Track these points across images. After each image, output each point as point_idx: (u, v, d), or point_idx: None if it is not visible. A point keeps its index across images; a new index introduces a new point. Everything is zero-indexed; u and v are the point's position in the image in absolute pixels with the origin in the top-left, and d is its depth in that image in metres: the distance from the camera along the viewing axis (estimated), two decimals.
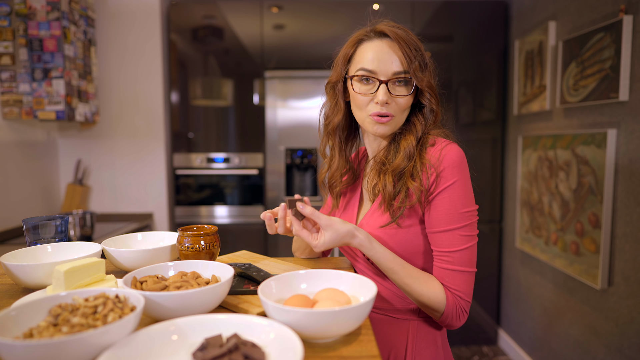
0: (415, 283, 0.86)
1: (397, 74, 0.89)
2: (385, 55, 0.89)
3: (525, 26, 2.52)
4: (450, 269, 0.87)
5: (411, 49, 0.88)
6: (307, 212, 0.85)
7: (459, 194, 0.86)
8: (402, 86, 0.90)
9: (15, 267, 0.83)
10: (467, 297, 0.88)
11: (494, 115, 2.73)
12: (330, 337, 0.65)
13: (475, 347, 2.81)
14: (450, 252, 0.86)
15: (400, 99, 0.90)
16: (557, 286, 2.19)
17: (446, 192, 0.86)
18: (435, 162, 0.86)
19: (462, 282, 0.87)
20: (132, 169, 2.71)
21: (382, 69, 0.89)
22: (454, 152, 0.87)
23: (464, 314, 0.88)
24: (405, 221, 0.90)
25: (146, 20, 2.63)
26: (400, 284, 0.88)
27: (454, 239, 0.86)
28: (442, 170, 0.86)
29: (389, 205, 0.90)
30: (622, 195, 1.74)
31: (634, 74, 1.67)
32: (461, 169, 0.87)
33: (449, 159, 0.86)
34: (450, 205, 0.86)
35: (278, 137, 2.69)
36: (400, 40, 0.88)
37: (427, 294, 0.86)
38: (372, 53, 0.90)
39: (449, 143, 0.89)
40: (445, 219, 0.86)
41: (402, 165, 0.89)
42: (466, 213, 0.87)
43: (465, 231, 0.87)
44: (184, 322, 0.61)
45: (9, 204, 2.21)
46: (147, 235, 1.08)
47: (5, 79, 2.18)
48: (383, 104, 0.89)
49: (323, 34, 2.69)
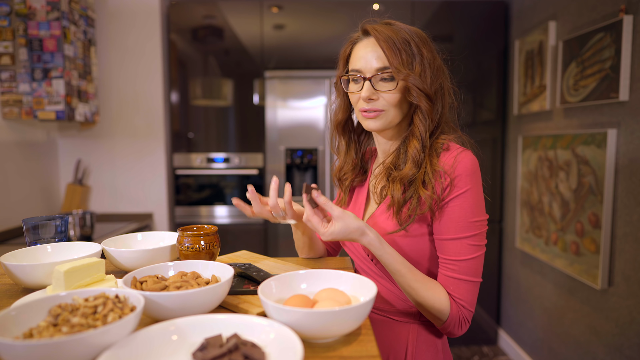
0: (422, 288, 0.85)
1: (379, 70, 0.89)
2: (368, 53, 0.90)
3: (525, 26, 2.52)
4: (456, 277, 0.86)
5: (396, 44, 0.88)
6: (321, 201, 0.84)
7: (471, 202, 0.85)
8: (388, 82, 0.90)
9: (15, 267, 0.83)
10: (470, 307, 0.87)
11: (494, 115, 2.73)
12: (330, 337, 0.65)
13: (475, 347, 2.81)
14: (457, 260, 0.86)
15: (385, 94, 0.90)
16: (557, 286, 2.19)
17: (458, 200, 0.85)
18: (449, 169, 0.85)
19: (467, 291, 0.86)
20: (132, 169, 2.71)
21: (365, 66, 0.91)
22: (468, 160, 0.86)
23: (466, 324, 0.88)
24: (414, 229, 0.89)
25: (146, 20, 2.63)
26: (405, 288, 0.87)
27: (462, 248, 0.85)
28: (455, 177, 0.85)
29: (398, 211, 0.89)
30: (622, 195, 1.74)
31: (634, 74, 1.67)
32: (474, 177, 0.86)
33: (463, 166, 0.85)
34: (461, 213, 0.85)
35: (278, 137, 2.69)
36: (380, 36, 0.89)
37: (432, 300, 0.85)
38: (359, 52, 0.92)
39: (464, 150, 0.88)
40: (454, 227, 0.86)
41: (410, 174, 0.89)
42: (476, 222, 0.86)
43: (474, 240, 0.86)
44: (184, 322, 0.61)
45: (9, 204, 2.21)
46: (147, 235, 1.08)
47: (5, 79, 2.18)
48: (366, 100, 0.90)
49: (323, 34, 2.69)
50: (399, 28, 0.91)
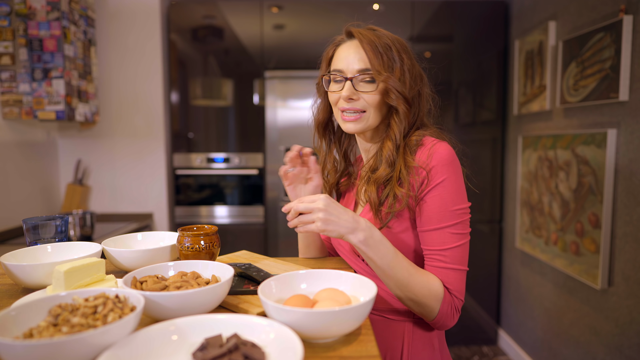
0: (415, 277, 0.84)
1: (360, 71, 0.92)
2: (351, 55, 0.93)
3: (525, 26, 2.52)
4: (443, 267, 0.86)
5: (378, 47, 0.91)
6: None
7: (450, 191, 0.86)
8: (369, 83, 0.93)
9: (15, 267, 0.83)
10: (460, 295, 0.87)
11: (494, 115, 2.73)
12: (330, 337, 0.65)
13: (475, 347, 2.81)
14: (442, 250, 0.86)
15: (366, 95, 0.92)
16: (557, 286, 2.19)
17: (436, 190, 0.86)
18: (424, 163, 0.87)
19: (455, 279, 0.86)
20: (132, 169, 2.71)
21: (348, 67, 0.94)
22: (442, 150, 0.87)
23: (457, 313, 0.88)
24: (396, 225, 0.91)
25: (146, 20, 2.63)
26: (397, 280, 0.84)
27: (445, 237, 0.86)
28: (431, 168, 0.86)
29: (377, 211, 0.91)
30: (622, 195, 1.74)
31: (634, 74, 1.67)
32: (451, 166, 0.87)
33: (438, 157, 0.87)
34: (441, 203, 0.86)
35: (278, 137, 2.69)
36: (364, 40, 0.92)
37: (427, 289, 0.84)
38: (342, 53, 0.96)
39: (438, 142, 0.90)
40: (436, 217, 0.86)
41: (383, 175, 0.91)
42: (457, 211, 0.87)
43: (457, 229, 0.86)
44: (184, 322, 0.61)
45: (9, 204, 2.21)
46: (147, 235, 1.08)
47: (5, 79, 2.18)
48: (346, 99, 0.93)
49: (323, 34, 2.69)
50: (381, 34, 0.94)
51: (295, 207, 0.82)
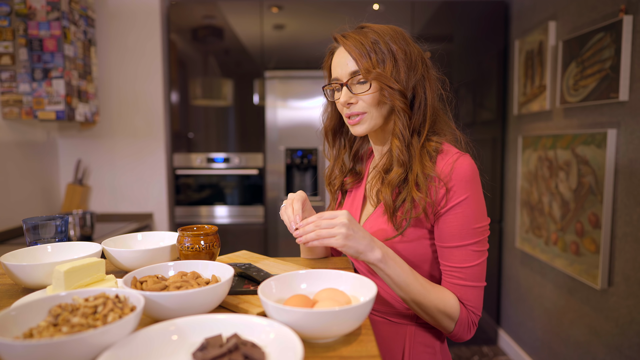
0: (431, 294, 0.84)
1: (352, 74, 0.91)
2: (341, 60, 0.93)
3: (525, 26, 2.52)
4: (462, 284, 0.86)
5: (364, 45, 0.88)
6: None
7: (472, 209, 0.85)
8: (363, 84, 0.90)
9: (15, 267, 0.83)
10: (478, 311, 0.87)
11: (494, 115, 2.73)
12: (330, 337, 0.65)
13: (475, 347, 2.81)
14: (462, 267, 0.85)
15: (363, 96, 0.91)
16: (557, 286, 2.19)
17: (459, 208, 0.84)
18: (445, 177, 0.84)
19: (474, 296, 0.86)
20: (132, 169, 2.71)
21: (341, 73, 0.93)
22: (466, 166, 0.85)
23: (475, 327, 0.88)
24: (410, 232, 0.89)
25: (146, 20, 2.63)
26: (413, 296, 0.84)
27: (467, 255, 0.85)
28: (452, 185, 0.84)
29: (392, 215, 0.89)
30: (622, 195, 1.74)
31: (634, 74, 1.67)
32: (473, 183, 0.85)
33: (461, 174, 0.84)
34: (464, 221, 0.84)
35: (278, 137, 2.69)
36: (347, 42, 0.90)
37: (443, 304, 0.84)
38: (335, 61, 0.95)
39: (461, 155, 0.87)
40: (458, 235, 0.85)
41: (397, 177, 0.89)
42: (479, 229, 0.86)
43: (478, 246, 0.86)
44: (184, 322, 0.61)
45: (9, 204, 2.21)
46: (147, 235, 1.08)
47: (5, 79, 2.18)
48: (345, 105, 0.93)
49: (323, 34, 2.69)
50: (369, 30, 0.91)
51: (317, 223, 0.80)
